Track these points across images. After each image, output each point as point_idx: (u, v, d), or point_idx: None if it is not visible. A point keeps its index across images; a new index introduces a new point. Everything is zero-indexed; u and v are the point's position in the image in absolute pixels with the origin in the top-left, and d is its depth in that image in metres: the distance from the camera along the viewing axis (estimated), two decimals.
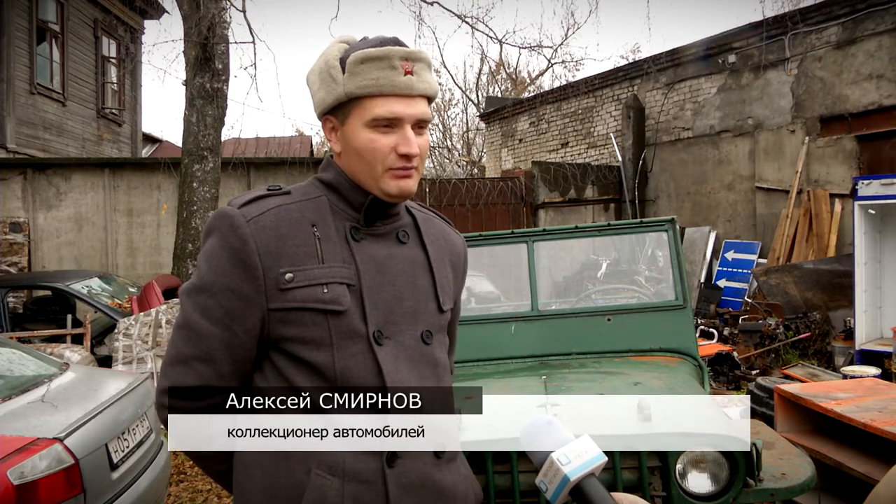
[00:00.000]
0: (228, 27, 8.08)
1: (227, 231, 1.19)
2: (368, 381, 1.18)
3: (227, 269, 1.17)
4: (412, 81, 1.19)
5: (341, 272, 1.20)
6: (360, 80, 1.18)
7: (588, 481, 1.00)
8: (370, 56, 1.18)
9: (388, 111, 1.19)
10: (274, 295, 1.17)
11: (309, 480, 1.15)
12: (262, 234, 1.18)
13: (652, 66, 11.48)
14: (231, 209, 1.21)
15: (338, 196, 1.26)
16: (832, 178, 9.05)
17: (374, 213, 1.25)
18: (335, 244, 1.22)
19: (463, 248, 1.44)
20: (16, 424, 2.75)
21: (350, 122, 1.22)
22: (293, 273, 1.18)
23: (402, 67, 1.18)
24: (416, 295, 1.26)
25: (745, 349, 7.44)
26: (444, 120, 24.40)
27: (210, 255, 1.20)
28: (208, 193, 7.97)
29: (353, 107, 1.21)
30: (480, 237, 3.62)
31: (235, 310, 1.17)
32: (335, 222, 1.24)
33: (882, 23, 8.54)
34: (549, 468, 1.02)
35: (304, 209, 1.23)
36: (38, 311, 8.04)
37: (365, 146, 1.20)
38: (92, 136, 13.61)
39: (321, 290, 1.18)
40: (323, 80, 1.23)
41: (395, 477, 1.17)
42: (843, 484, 3.08)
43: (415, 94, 1.20)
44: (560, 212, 11.43)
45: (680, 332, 3.25)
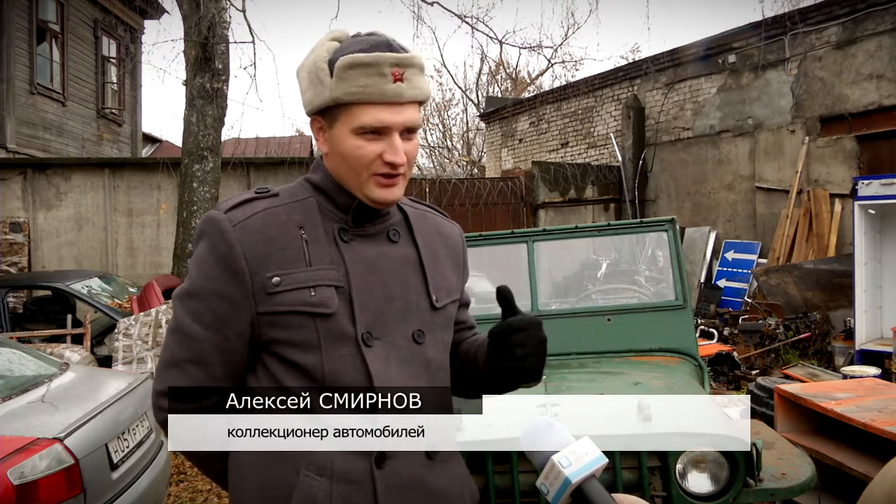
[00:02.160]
0: (228, 27, 8.08)
1: (215, 236, 1.19)
2: (357, 382, 1.17)
3: (216, 274, 1.18)
4: (401, 89, 1.17)
5: (329, 274, 1.19)
6: (348, 86, 1.16)
7: (589, 483, 1.00)
8: (359, 62, 1.15)
9: (376, 120, 1.17)
10: (262, 299, 1.17)
11: (298, 481, 1.15)
12: (249, 239, 1.18)
13: (652, 66, 11.48)
14: (218, 213, 1.21)
15: (326, 198, 1.25)
16: (832, 178, 9.05)
17: (362, 215, 1.25)
18: (323, 246, 1.21)
19: (459, 237, 1.43)
20: (16, 424, 2.75)
21: (337, 126, 1.20)
22: (280, 277, 1.17)
23: (391, 74, 1.16)
24: (408, 294, 1.25)
25: (745, 349, 7.44)
26: (444, 120, 24.42)
27: (199, 261, 1.20)
28: (208, 193, 7.97)
29: (341, 112, 1.19)
30: (480, 237, 3.62)
31: (225, 314, 1.18)
32: (324, 224, 1.23)
33: (882, 23, 8.54)
34: (551, 471, 1.01)
35: (291, 211, 1.23)
36: (38, 311, 8.04)
37: (351, 152, 1.19)
38: (92, 136, 13.61)
39: (308, 293, 1.17)
40: (311, 81, 1.21)
41: (384, 478, 1.17)
42: (843, 484, 3.08)
43: (403, 102, 1.18)
44: (560, 212, 11.43)
45: (680, 332, 3.26)
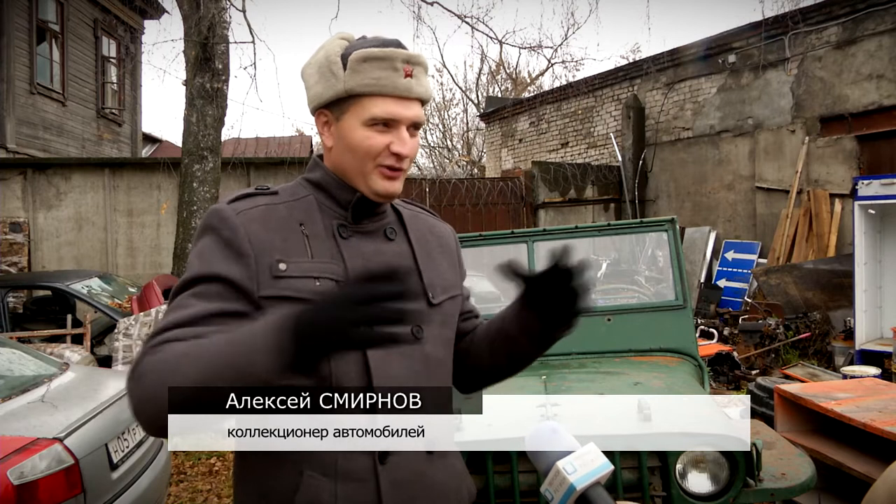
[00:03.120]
0: (228, 27, 8.08)
1: (219, 224, 1.19)
2: (357, 376, 1.18)
3: (219, 258, 1.16)
4: (411, 84, 1.21)
5: (330, 268, 1.21)
6: (362, 78, 1.19)
7: (594, 490, 0.99)
8: (374, 55, 1.19)
9: (387, 112, 1.20)
10: (266, 282, 1.17)
11: (302, 481, 1.16)
12: (253, 225, 1.19)
13: (652, 66, 11.48)
14: (221, 205, 1.23)
15: (325, 195, 1.27)
16: (832, 178, 9.05)
17: (361, 211, 1.26)
18: (323, 241, 1.23)
19: (452, 237, 1.45)
20: (16, 424, 2.75)
21: (346, 118, 1.23)
22: (287, 264, 1.18)
23: (403, 70, 1.20)
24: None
25: (745, 349, 7.44)
26: (444, 120, 24.42)
27: (201, 251, 1.19)
28: (208, 193, 7.97)
29: (352, 104, 1.21)
30: (480, 237, 3.62)
31: (226, 292, 1.15)
32: (323, 220, 1.25)
33: (882, 23, 8.54)
34: (555, 477, 1.00)
35: (291, 209, 1.24)
36: (38, 311, 8.04)
37: (360, 143, 1.21)
38: (92, 136, 13.61)
39: (314, 282, 1.18)
40: (322, 75, 1.24)
41: (387, 473, 1.17)
42: (843, 484, 3.08)
43: (412, 97, 1.22)
44: (560, 212, 11.43)
45: (680, 332, 3.25)
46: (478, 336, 1.44)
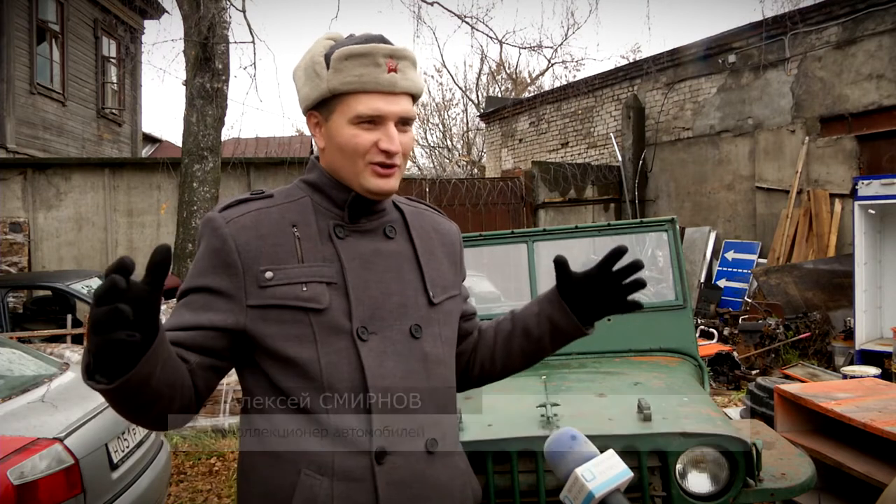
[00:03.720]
0: (228, 27, 8.08)
1: (210, 234, 1.21)
2: (351, 377, 1.18)
3: (209, 269, 1.20)
4: (395, 79, 1.20)
5: (321, 271, 1.21)
6: (344, 76, 1.19)
7: (614, 497, 0.97)
8: (354, 53, 1.18)
9: (371, 108, 1.19)
10: (253, 292, 1.18)
11: (299, 481, 1.16)
12: (242, 234, 1.20)
13: (652, 66, 11.48)
14: (213, 213, 1.24)
15: (322, 195, 1.27)
16: (832, 178, 9.05)
17: (358, 210, 1.26)
18: (316, 244, 1.23)
19: (456, 235, 1.44)
20: (16, 424, 2.75)
21: (333, 118, 1.23)
22: (273, 272, 1.19)
23: (385, 65, 1.19)
24: (405, 289, 1.26)
25: (745, 349, 7.44)
26: (444, 120, 24.42)
27: (196, 261, 1.23)
28: (208, 193, 7.97)
29: (337, 103, 1.22)
30: (480, 237, 3.62)
31: (214, 301, 1.19)
32: (318, 221, 1.25)
33: (882, 23, 8.54)
34: (574, 484, 0.99)
35: (284, 211, 1.25)
36: (38, 311, 8.04)
37: (347, 141, 1.21)
38: (92, 136, 13.61)
39: (300, 288, 1.19)
40: (308, 76, 1.24)
41: (384, 474, 1.17)
42: (843, 484, 3.08)
43: (398, 92, 1.21)
44: (560, 212, 11.44)
45: (680, 332, 3.25)
46: (486, 336, 1.45)
